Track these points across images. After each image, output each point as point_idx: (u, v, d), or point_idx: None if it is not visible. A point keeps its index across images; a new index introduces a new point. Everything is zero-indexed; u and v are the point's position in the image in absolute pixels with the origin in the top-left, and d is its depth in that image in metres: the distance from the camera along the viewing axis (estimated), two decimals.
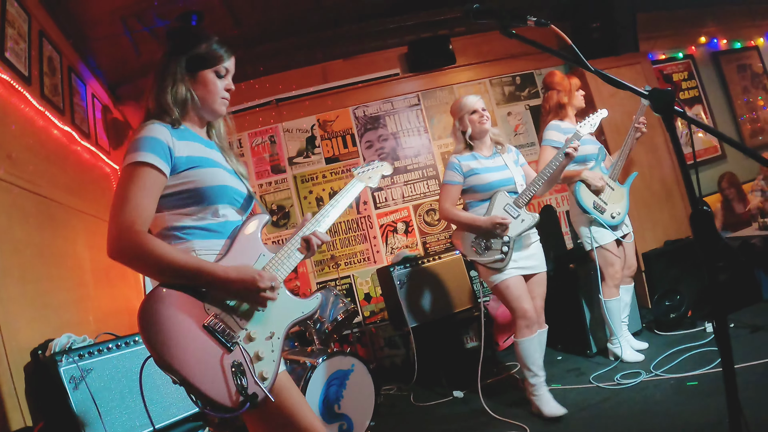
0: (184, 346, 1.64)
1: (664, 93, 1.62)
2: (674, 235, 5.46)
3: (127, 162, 1.76)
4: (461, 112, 3.70)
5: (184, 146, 1.87)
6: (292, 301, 1.97)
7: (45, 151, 3.85)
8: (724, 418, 2.74)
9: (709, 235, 1.66)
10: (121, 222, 1.69)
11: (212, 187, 1.87)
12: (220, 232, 1.91)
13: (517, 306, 3.46)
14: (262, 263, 1.92)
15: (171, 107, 1.90)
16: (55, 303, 3.57)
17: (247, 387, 1.67)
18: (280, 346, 1.85)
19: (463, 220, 3.56)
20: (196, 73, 1.96)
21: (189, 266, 1.71)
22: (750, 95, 7.23)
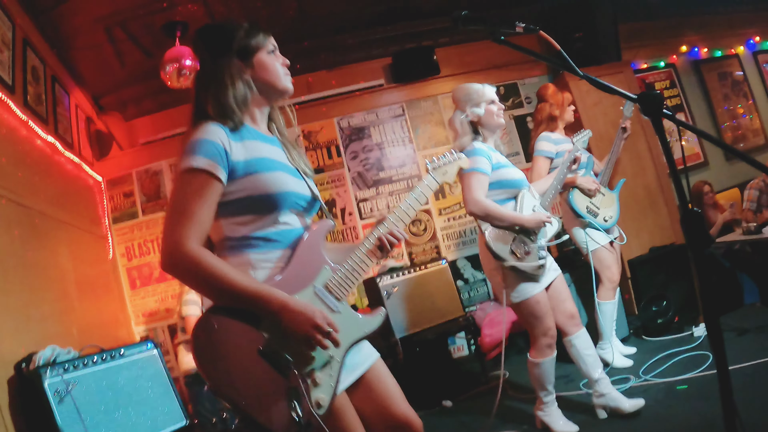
0: (237, 371, 1.58)
1: (653, 96, 1.63)
2: (659, 242, 5.50)
3: (183, 167, 1.67)
4: (478, 98, 3.26)
5: (242, 148, 1.75)
6: (354, 320, 1.81)
7: (28, 161, 3.81)
8: (716, 421, 2.77)
9: (700, 235, 1.67)
10: (176, 236, 1.60)
11: (273, 194, 1.75)
12: (280, 241, 1.79)
13: (547, 324, 3.17)
14: (325, 277, 1.79)
15: (233, 107, 1.78)
16: (39, 315, 3.51)
17: (302, 416, 1.59)
18: (339, 369, 1.72)
19: (506, 216, 3.10)
20: (250, 60, 1.85)
21: (246, 290, 1.61)
22: (731, 103, 7.34)
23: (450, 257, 5.91)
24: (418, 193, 2.04)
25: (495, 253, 3.10)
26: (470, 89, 3.30)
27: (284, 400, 1.60)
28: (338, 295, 1.79)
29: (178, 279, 1.65)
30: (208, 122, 1.74)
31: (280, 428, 1.57)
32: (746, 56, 7.64)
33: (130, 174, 5.78)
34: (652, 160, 5.84)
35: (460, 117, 3.29)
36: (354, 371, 1.85)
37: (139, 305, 5.62)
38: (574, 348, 3.28)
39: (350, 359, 1.80)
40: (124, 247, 5.68)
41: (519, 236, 3.13)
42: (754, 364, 3.40)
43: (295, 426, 1.58)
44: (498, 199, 3.20)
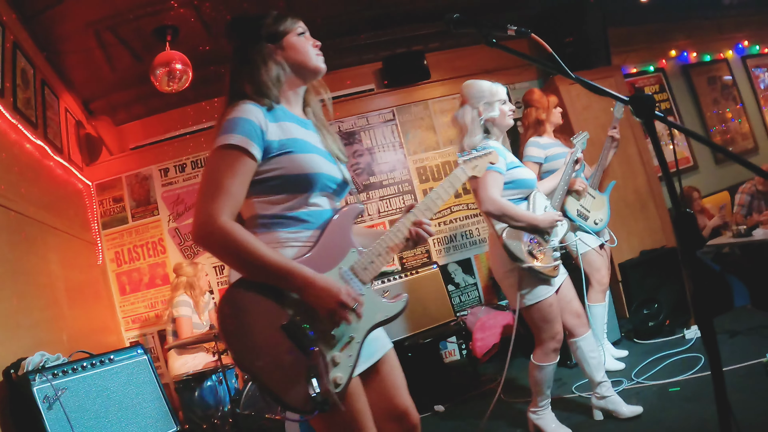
0: (260, 345, 1.62)
1: (645, 98, 1.63)
2: (650, 245, 5.52)
3: (219, 144, 1.70)
4: (491, 97, 3.18)
5: (278, 128, 1.79)
6: (377, 303, 1.84)
7: (17, 166, 3.78)
8: (709, 422, 2.78)
9: (693, 237, 1.67)
10: (210, 209, 1.63)
11: (305, 174, 1.78)
12: (310, 222, 1.82)
13: (556, 329, 3.13)
14: (351, 260, 1.82)
15: (269, 86, 1.83)
16: (28, 322, 3.48)
17: (319, 392, 1.62)
18: (358, 350, 1.76)
19: (522, 216, 3.02)
20: (280, 43, 1.90)
21: (275, 265, 1.64)
22: (720, 107, 7.40)
23: (441, 262, 5.91)
24: (448, 183, 2.06)
25: (513, 253, 3.02)
26: (483, 87, 3.22)
27: (303, 376, 1.63)
28: (363, 278, 1.82)
29: (209, 251, 1.68)
30: (245, 101, 1.77)
31: (297, 403, 1.61)
32: (735, 60, 7.72)
33: (119, 179, 5.76)
34: (642, 164, 5.87)
35: (472, 114, 3.18)
36: (369, 359, 1.88)
37: (129, 311, 5.58)
38: (580, 350, 3.26)
39: (366, 346, 1.82)
40: (114, 253, 5.64)
41: (533, 237, 3.09)
42: (746, 365, 3.41)
43: (312, 402, 1.61)
44: (511, 200, 3.12)
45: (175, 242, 5.72)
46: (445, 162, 6.22)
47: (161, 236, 5.72)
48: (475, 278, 6.03)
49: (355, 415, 1.75)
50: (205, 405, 4.16)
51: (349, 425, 1.74)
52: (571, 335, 3.29)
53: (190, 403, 4.19)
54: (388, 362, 1.98)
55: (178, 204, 5.77)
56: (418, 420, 2.00)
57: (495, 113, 3.15)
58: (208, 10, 4.79)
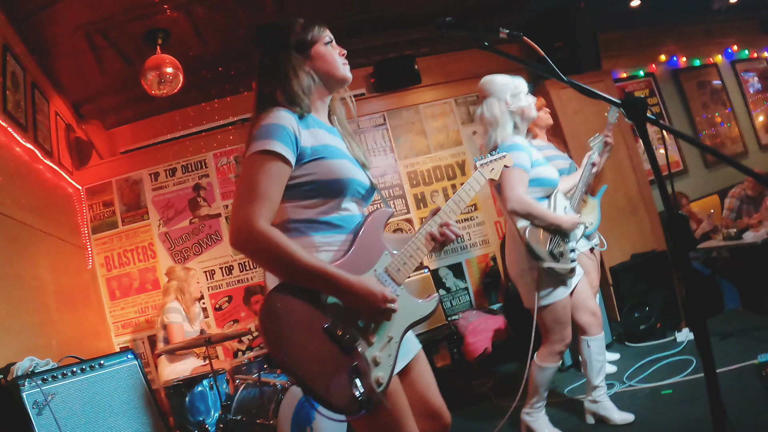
0: (302, 347, 1.64)
1: (637, 100, 1.63)
2: (640, 249, 5.54)
3: (255, 149, 1.73)
4: (515, 89, 3.15)
5: (309, 135, 1.83)
6: (412, 303, 1.90)
7: (7, 169, 3.75)
8: (702, 424, 2.79)
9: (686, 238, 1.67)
10: (248, 213, 1.66)
11: (337, 179, 1.83)
12: (342, 227, 1.87)
13: (566, 332, 3.12)
14: (385, 262, 1.86)
15: (301, 96, 1.87)
16: (17, 327, 3.45)
17: (363, 392, 1.65)
18: (397, 350, 1.80)
19: (547, 216, 3.02)
20: (308, 52, 1.93)
21: (312, 268, 1.67)
22: (709, 111, 7.45)
23: (431, 266, 5.90)
24: (468, 187, 2.11)
25: (535, 252, 3.01)
26: (506, 80, 3.18)
27: (346, 377, 1.66)
28: (397, 279, 1.86)
29: (247, 255, 1.71)
30: (278, 108, 1.81)
31: (343, 404, 1.63)
32: (724, 65, 7.78)
33: (109, 183, 5.72)
34: (633, 169, 5.90)
35: (500, 106, 3.12)
36: (404, 358, 1.92)
37: (119, 316, 5.54)
38: (589, 350, 3.23)
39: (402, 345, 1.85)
40: (104, 257, 5.60)
41: (555, 237, 3.08)
42: (738, 367, 3.43)
43: (356, 402, 1.64)
44: (533, 198, 3.08)
45: (165, 247, 5.68)
46: (436, 166, 6.23)
47: (151, 241, 5.69)
48: (466, 282, 6.03)
49: (397, 414, 1.78)
50: (195, 410, 4.12)
51: (392, 424, 1.77)
52: (583, 332, 3.27)
53: (181, 408, 4.15)
54: (421, 361, 2.03)
55: (168, 208, 5.74)
56: (449, 419, 2.03)
57: (523, 103, 3.14)
58: (200, 13, 4.77)
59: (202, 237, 5.74)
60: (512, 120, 3.13)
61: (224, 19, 4.99)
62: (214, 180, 5.88)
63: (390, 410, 1.75)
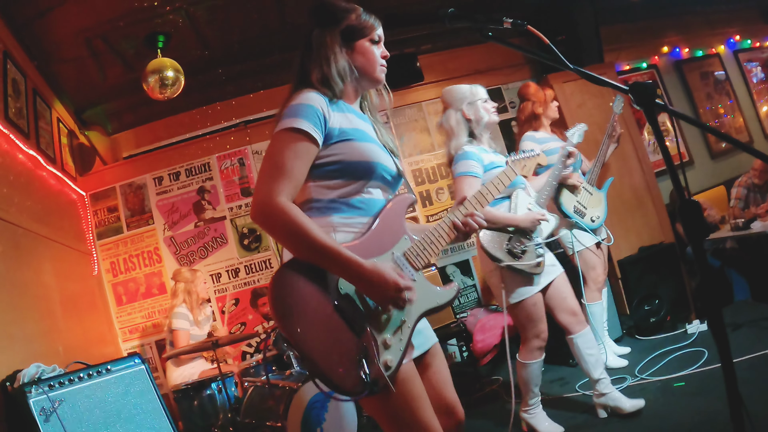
0: (311, 322, 1.62)
1: (645, 86, 1.60)
2: (648, 242, 5.50)
3: (283, 126, 1.75)
4: (472, 97, 3.26)
5: (338, 117, 1.84)
6: (429, 290, 1.87)
7: (10, 176, 3.74)
8: (716, 416, 2.76)
9: (699, 225, 1.64)
10: (270, 188, 1.67)
11: (363, 162, 1.83)
12: (363, 209, 1.86)
13: (540, 328, 3.19)
14: (403, 246, 1.85)
15: (336, 79, 1.88)
16: (22, 334, 3.43)
17: (369, 374, 1.63)
18: (409, 335, 1.78)
19: (499, 218, 3.09)
20: (352, 43, 1.94)
21: (329, 248, 1.66)
22: (713, 102, 7.40)
23: (438, 264, 5.87)
24: (497, 180, 2.16)
25: (491, 254, 3.10)
26: (462, 89, 3.30)
27: (354, 357, 1.64)
28: (415, 264, 1.85)
29: (265, 229, 1.71)
30: (309, 89, 1.83)
31: (348, 384, 1.62)
32: (727, 55, 7.73)
33: (113, 188, 5.71)
34: (639, 161, 5.86)
35: (456, 116, 3.26)
36: (419, 348, 1.90)
37: (126, 321, 5.53)
38: (576, 347, 3.26)
39: (415, 336, 1.84)
40: (109, 263, 5.59)
41: (515, 236, 3.11)
42: (750, 357, 3.40)
43: (362, 384, 1.62)
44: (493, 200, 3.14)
45: (170, 251, 5.67)
46: (441, 163, 6.19)
47: (157, 245, 5.67)
48: (473, 279, 6.00)
49: (411, 401, 1.75)
50: (204, 414, 4.11)
51: (405, 410, 1.75)
52: (567, 332, 3.29)
53: (190, 412, 4.14)
54: (437, 355, 2.01)
55: (173, 212, 5.73)
56: (463, 416, 2.03)
57: (479, 111, 3.24)
58: (200, 16, 4.76)
59: (207, 240, 5.72)
60: (468, 129, 3.24)
61: (225, 20, 4.98)
62: (218, 183, 5.86)
63: (402, 395, 1.72)
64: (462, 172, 3.11)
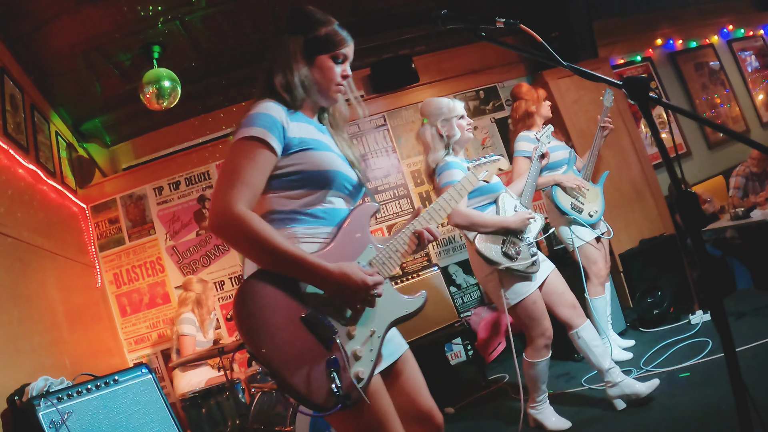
0: (278, 337, 1.59)
1: (638, 80, 1.62)
2: (648, 234, 5.51)
3: (240, 135, 1.72)
4: (448, 113, 3.32)
5: (297, 127, 1.82)
6: (396, 299, 1.84)
7: (11, 191, 3.75)
8: (722, 405, 2.77)
9: (697, 216, 1.66)
10: (228, 197, 1.64)
11: (323, 171, 1.81)
12: (326, 219, 1.84)
13: (544, 325, 3.19)
14: (368, 256, 1.82)
15: (298, 87, 1.87)
16: (29, 347, 3.44)
17: (341, 387, 1.59)
18: (379, 345, 1.75)
19: (490, 222, 3.13)
20: (313, 57, 1.92)
21: (291, 254, 1.63)
22: (708, 92, 7.41)
23: (441, 264, 5.89)
24: (459, 187, 2.13)
25: (487, 258, 3.13)
26: (440, 104, 3.35)
27: (324, 370, 1.61)
28: (382, 273, 1.82)
29: (224, 239, 1.67)
30: (269, 99, 1.82)
31: (319, 398, 1.58)
32: (721, 45, 7.74)
33: (114, 200, 5.73)
34: (636, 154, 5.88)
35: (431, 131, 3.33)
36: (387, 358, 1.87)
37: (131, 332, 5.54)
38: (582, 340, 3.26)
39: (385, 345, 1.81)
40: (113, 275, 5.61)
41: (508, 238, 3.16)
42: (754, 346, 3.41)
43: (333, 397, 1.58)
44: (480, 206, 3.25)
45: (173, 260, 5.68)
46: None
47: (159, 255, 5.69)
48: (476, 278, 6.00)
49: (379, 415, 1.72)
50: (213, 421, 4.12)
51: (374, 424, 1.71)
52: (569, 327, 3.30)
53: (198, 420, 4.15)
54: (408, 363, 1.98)
55: (174, 222, 5.74)
56: (442, 421, 1.99)
57: (451, 127, 3.29)
58: (194, 24, 4.78)
59: (209, 248, 5.74)
60: (443, 143, 3.30)
61: (219, 28, 4.99)
62: None
63: (371, 410, 1.69)
64: (448, 182, 3.14)
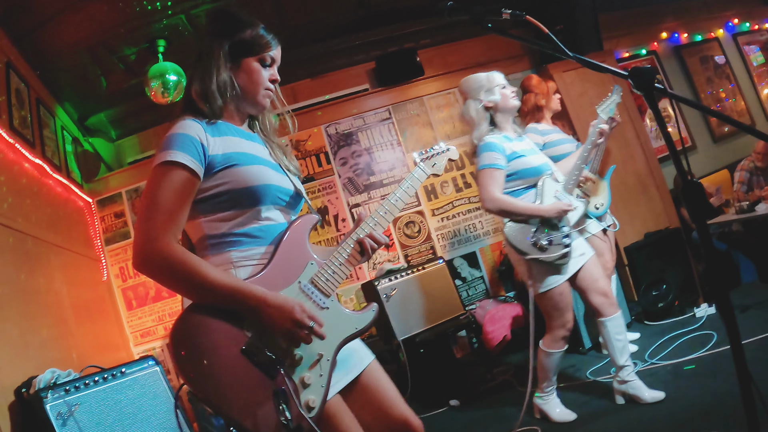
0: (219, 374, 1.50)
1: (644, 70, 1.62)
2: (653, 227, 5.51)
3: (157, 161, 1.61)
4: (489, 84, 3.21)
5: (220, 142, 1.70)
6: (343, 317, 1.73)
7: (17, 185, 3.76)
8: (727, 397, 2.77)
9: (703, 206, 1.66)
10: (149, 230, 1.54)
11: (252, 187, 1.69)
12: (262, 238, 1.72)
13: (566, 317, 3.17)
14: (310, 273, 1.72)
15: (215, 94, 1.75)
16: (36, 341, 3.46)
17: (291, 419, 1.51)
18: (330, 369, 1.65)
19: (522, 209, 3.06)
20: (239, 60, 1.80)
21: (222, 285, 1.55)
22: (713, 86, 7.38)
23: (446, 257, 5.89)
24: (407, 186, 1.99)
25: (516, 247, 3.08)
26: (480, 77, 3.25)
27: (271, 402, 1.52)
28: (325, 290, 1.73)
29: (149, 276, 1.57)
30: (185, 117, 1.71)
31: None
32: (726, 39, 7.70)
33: (119, 194, 5.74)
34: (641, 147, 5.87)
35: (476, 106, 3.22)
36: (348, 374, 1.79)
37: (137, 326, 5.56)
38: (606, 330, 3.19)
39: (343, 361, 1.74)
40: (118, 268, 5.63)
41: (540, 227, 3.08)
42: (759, 338, 3.42)
43: (284, 430, 1.50)
44: (518, 190, 3.17)
45: None
46: None
47: None
48: (481, 271, 6.01)
49: None
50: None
51: None
52: (598, 314, 3.23)
53: (204, 413, 4.17)
54: (373, 374, 1.87)
55: None
56: (421, 426, 1.86)
57: (496, 97, 3.18)
58: (199, 19, 4.78)
59: None
60: (488, 117, 3.21)
61: None
62: None
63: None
64: (484, 165, 3.08)
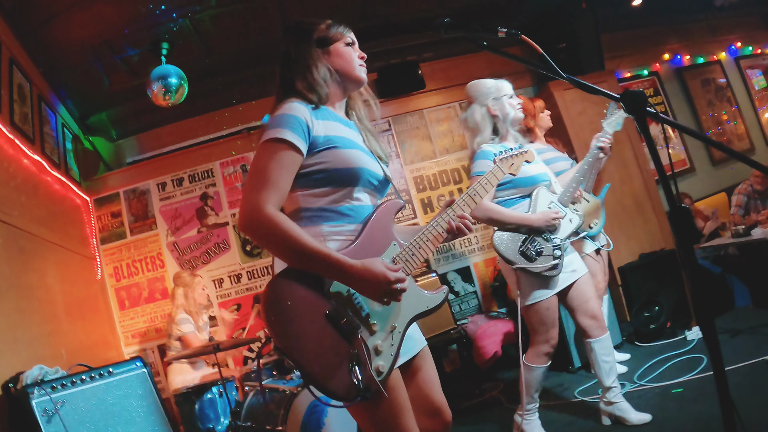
0: (303, 331, 1.65)
1: (635, 94, 1.63)
2: (648, 248, 5.51)
3: (267, 137, 1.77)
4: (497, 93, 3.18)
5: (323, 125, 1.87)
6: (418, 295, 1.90)
7: (15, 181, 3.78)
8: (713, 422, 2.77)
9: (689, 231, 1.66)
10: (256, 198, 1.69)
11: (349, 168, 1.86)
12: (352, 216, 1.89)
13: (551, 333, 3.11)
14: (392, 253, 1.87)
15: (320, 83, 1.93)
16: (26, 336, 3.47)
17: (361, 380, 1.65)
18: (400, 340, 1.80)
19: (510, 218, 3.04)
20: (327, 48, 2.00)
21: (317, 252, 1.68)
22: (715, 109, 7.42)
23: (440, 271, 5.89)
24: (485, 181, 2.15)
25: (503, 256, 3.05)
26: (488, 84, 3.23)
27: (346, 363, 1.67)
28: (405, 270, 1.85)
29: (254, 239, 1.73)
30: (293, 99, 1.87)
31: (340, 391, 1.64)
32: (728, 62, 7.75)
33: (117, 194, 5.76)
34: (639, 167, 5.89)
35: (481, 111, 3.19)
36: (407, 354, 1.92)
37: (129, 326, 5.56)
38: (594, 352, 3.18)
39: (405, 341, 1.85)
40: (113, 268, 5.63)
41: (529, 237, 3.04)
42: (749, 363, 3.41)
43: (354, 390, 1.65)
44: (512, 199, 3.15)
45: (173, 256, 5.71)
46: (442, 171, 6.23)
47: (160, 251, 5.72)
48: (474, 286, 6.02)
49: (395, 408, 1.77)
50: (205, 418, 4.13)
51: (390, 417, 1.77)
52: (586, 336, 3.21)
53: (191, 416, 4.16)
54: (425, 359, 2.03)
55: (176, 218, 5.77)
56: (450, 417, 2.03)
57: (506, 107, 3.17)
58: (203, 23, 4.81)
59: (210, 246, 5.76)
60: (492, 125, 3.18)
61: (228, 28, 5.02)
62: (221, 189, 5.90)
63: (389, 403, 1.75)
64: (477, 173, 3.07)
